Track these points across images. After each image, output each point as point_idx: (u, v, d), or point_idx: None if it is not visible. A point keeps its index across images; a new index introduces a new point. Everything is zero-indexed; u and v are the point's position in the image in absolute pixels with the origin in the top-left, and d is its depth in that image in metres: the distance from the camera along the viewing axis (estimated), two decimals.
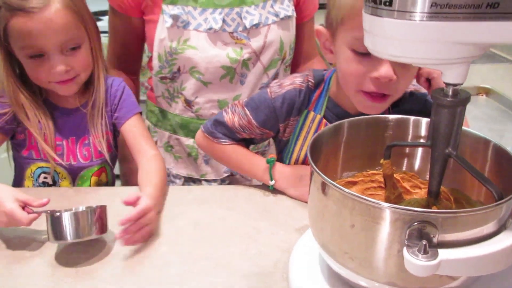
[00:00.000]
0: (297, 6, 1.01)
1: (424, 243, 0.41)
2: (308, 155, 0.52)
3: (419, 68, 0.73)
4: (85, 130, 0.94)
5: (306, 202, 0.57)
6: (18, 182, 0.95)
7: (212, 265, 0.66)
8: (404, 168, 0.63)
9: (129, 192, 0.73)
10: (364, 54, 0.66)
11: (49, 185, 0.94)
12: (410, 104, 0.79)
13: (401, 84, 0.69)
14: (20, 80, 0.89)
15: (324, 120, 0.79)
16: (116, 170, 1.07)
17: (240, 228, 0.74)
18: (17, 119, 0.89)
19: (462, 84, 0.45)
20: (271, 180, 0.81)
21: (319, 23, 0.82)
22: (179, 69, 0.98)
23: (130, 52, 1.07)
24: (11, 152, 0.97)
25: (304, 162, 0.84)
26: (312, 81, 0.79)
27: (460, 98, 0.45)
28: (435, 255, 0.41)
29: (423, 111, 0.62)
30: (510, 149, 0.56)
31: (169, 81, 1.01)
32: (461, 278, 0.46)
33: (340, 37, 0.69)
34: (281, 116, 0.80)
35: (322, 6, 0.96)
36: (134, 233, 0.69)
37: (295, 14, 1.00)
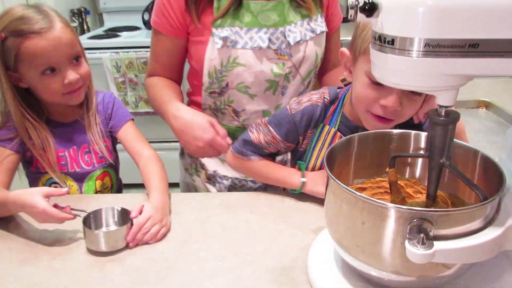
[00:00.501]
0: (326, 19, 1.09)
1: (422, 236, 0.51)
2: (325, 164, 0.62)
3: (424, 99, 0.80)
4: (84, 139, 1.06)
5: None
6: None
7: (240, 261, 0.75)
8: (407, 176, 0.73)
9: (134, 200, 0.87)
10: (378, 83, 0.75)
11: None
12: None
13: (406, 112, 0.78)
14: (25, 105, 0.99)
15: (338, 133, 0.88)
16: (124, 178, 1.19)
17: (262, 230, 0.83)
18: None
19: (452, 106, 0.54)
20: (303, 178, 0.89)
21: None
22: (227, 85, 1.04)
23: (174, 70, 1.12)
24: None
25: (320, 169, 0.93)
26: (328, 98, 0.89)
27: (451, 118, 0.55)
28: (431, 246, 0.50)
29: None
30: (507, 157, 0.66)
31: (217, 95, 1.07)
32: (454, 267, 0.56)
33: (360, 63, 0.78)
34: (301, 130, 0.89)
35: (344, 20, 1.07)
36: (142, 237, 0.81)
37: (327, 29, 1.08)
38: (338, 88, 0.91)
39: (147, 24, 2.63)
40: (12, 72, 0.95)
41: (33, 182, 1.07)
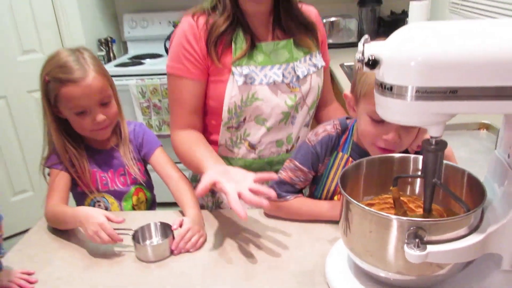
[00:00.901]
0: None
1: (417, 241, 0.64)
2: (339, 184, 0.75)
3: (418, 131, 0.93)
4: (119, 163, 1.22)
5: None
6: None
7: (267, 266, 0.89)
8: (408, 193, 0.86)
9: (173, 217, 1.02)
10: (378, 121, 0.89)
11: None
12: None
13: (405, 142, 0.91)
14: (66, 137, 1.16)
15: (350, 159, 1.01)
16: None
17: (286, 240, 0.97)
18: None
19: (441, 136, 0.68)
20: None
21: None
22: (244, 119, 1.14)
23: (199, 113, 1.17)
24: None
25: (334, 192, 1.05)
26: (340, 128, 1.02)
27: (440, 146, 0.68)
28: (425, 248, 0.63)
29: None
30: (491, 177, 0.78)
31: (235, 130, 1.16)
32: (447, 267, 0.68)
33: (361, 105, 0.92)
34: (321, 158, 1.02)
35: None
36: (184, 245, 0.95)
37: (324, 64, 1.23)
38: (347, 118, 1.05)
39: (168, 51, 2.82)
40: (53, 107, 1.12)
41: (80, 203, 1.23)
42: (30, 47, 2.49)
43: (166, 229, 0.99)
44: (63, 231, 1.06)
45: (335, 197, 1.05)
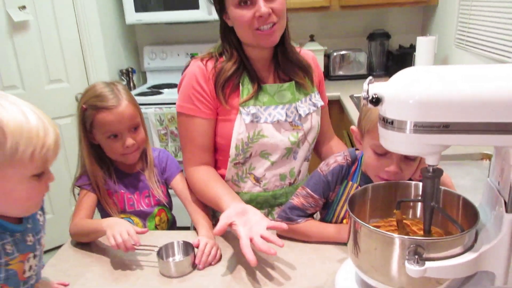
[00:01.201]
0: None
1: (416, 257, 0.72)
2: (347, 207, 0.84)
3: (419, 163, 1.02)
4: (144, 186, 1.33)
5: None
6: None
7: (280, 282, 0.97)
8: (410, 216, 0.94)
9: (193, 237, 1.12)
10: (380, 154, 0.98)
11: None
12: None
13: (406, 174, 1.00)
14: (98, 161, 1.28)
15: (360, 187, 1.10)
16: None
17: (299, 259, 1.05)
18: None
19: (437, 165, 0.77)
20: None
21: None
22: (251, 155, 1.22)
23: (211, 150, 1.24)
24: None
25: (343, 218, 1.14)
26: (350, 159, 1.11)
27: (437, 173, 0.77)
28: (423, 264, 0.71)
29: None
30: (485, 203, 0.86)
31: (241, 165, 1.24)
32: (445, 283, 0.76)
33: (366, 140, 1.02)
34: (332, 186, 1.10)
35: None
36: (207, 259, 1.04)
37: (323, 103, 1.33)
38: (356, 149, 1.13)
39: (178, 93, 2.96)
40: (88, 132, 1.25)
41: None
42: (56, 77, 2.65)
43: (187, 247, 1.08)
44: (92, 247, 1.15)
45: (344, 221, 1.13)
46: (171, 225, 1.41)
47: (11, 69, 2.46)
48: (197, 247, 1.07)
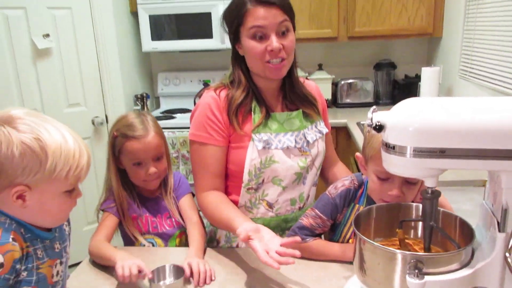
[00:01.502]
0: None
1: (417, 271, 0.78)
2: (353, 225, 0.91)
3: (420, 186, 1.09)
4: (165, 209, 1.41)
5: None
6: None
7: None
8: (412, 236, 1.00)
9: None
10: (383, 179, 1.06)
11: None
12: None
13: (408, 197, 1.07)
14: (123, 184, 1.38)
15: None
16: None
17: (306, 276, 1.11)
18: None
19: (435, 187, 0.84)
20: None
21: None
22: (263, 180, 1.27)
23: (223, 176, 1.29)
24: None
25: (350, 238, 1.20)
26: (356, 183, 1.18)
27: (435, 194, 0.84)
28: (423, 278, 0.78)
29: None
30: (482, 224, 0.93)
31: (254, 191, 1.28)
32: None
33: (370, 166, 1.10)
34: (340, 208, 1.18)
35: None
36: (204, 276, 1.11)
37: (328, 130, 1.40)
38: (362, 174, 1.20)
39: (191, 122, 3.06)
40: (116, 158, 1.35)
41: (128, 244, 1.41)
42: (75, 101, 2.77)
43: (178, 271, 1.12)
44: (105, 267, 1.21)
45: (350, 241, 1.19)
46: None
47: (33, 93, 2.58)
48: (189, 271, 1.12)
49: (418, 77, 2.98)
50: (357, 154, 1.17)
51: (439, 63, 2.96)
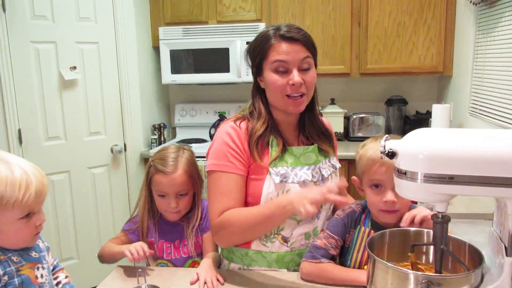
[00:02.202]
0: None
1: None
2: (367, 248, 0.96)
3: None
4: (183, 236, 1.48)
5: None
6: None
7: None
8: (424, 261, 1.04)
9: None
10: (376, 187, 1.19)
11: None
12: None
13: (401, 203, 1.18)
14: (150, 207, 1.47)
15: (372, 231, 1.22)
16: None
17: None
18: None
19: (445, 212, 0.89)
20: None
21: None
22: None
23: (242, 203, 1.26)
24: None
25: (361, 262, 1.24)
26: (360, 208, 1.27)
27: (445, 219, 0.89)
28: None
29: None
30: (490, 250, 0.97)
31: None
32: None
33: (364, 182, 1.22)
34: (348, 228, 1.25)
35: None
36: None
37: (340, 165, 1.43)
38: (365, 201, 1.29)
39: (212, 137, 3.16)
40: (149, 184, 1.46)
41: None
42: (96, 130, 2.88)
43: None
44: None
45: (365, 267, 1.23)
46: None
47: (57, 120, 2.70)
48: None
49: (429, 114, 3.04)
50: (353, 177, 1.27)
51: (449, 100, 3.03)
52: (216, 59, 3.06)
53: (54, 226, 2.77)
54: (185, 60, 3.12)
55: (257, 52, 1.28)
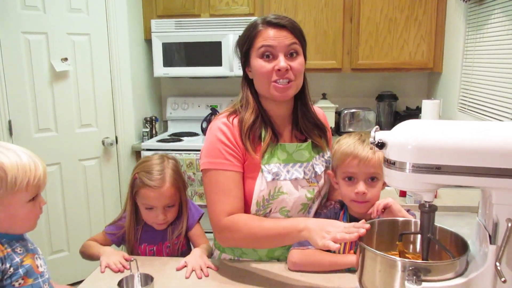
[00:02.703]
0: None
1: (415, 278, 0.85)
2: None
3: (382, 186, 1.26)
4: (165, 239, 1.48)
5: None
6: None
7: None
8: (411, 250, 1.07)
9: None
10: (349, 179, 1.25)
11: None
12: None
13: (372, 194, 1.24)
14: (135, 217, 1.49)
15: None
16: None
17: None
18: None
19: (432, 201, 0.91)
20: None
21: None
22: (270, 210, 1.26)
23: (243, 200, 1.25)
24: None
25: (344, 253, 1.25)
26: (338, 205, 1.33)
27: (432, 208, 0.91)
28: (420, 284, 0.84)
29: None
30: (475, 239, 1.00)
31: None
32: None
33: (338, 174, 1.28)
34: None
35: None
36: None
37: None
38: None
39: (204, 131, 3.17)
40: (134, 195, 1.45)
41: None
42: (87, 122, 2.87)
43: (147, 279, 1.16)
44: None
45: (347, 251, 1.27)
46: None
47: (48, 112, 2.69)
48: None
49: (419, 109, 3.08)
50: (328, 171, 1.32)
51: (439, 96, 3.07)
52: (209, 53, 3.07)
53: (44, 218, 2.76)
54: (177, 53, 3.11)
55: (245, 41, 1.26)
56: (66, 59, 2.68)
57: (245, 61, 1.29)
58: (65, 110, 2.76)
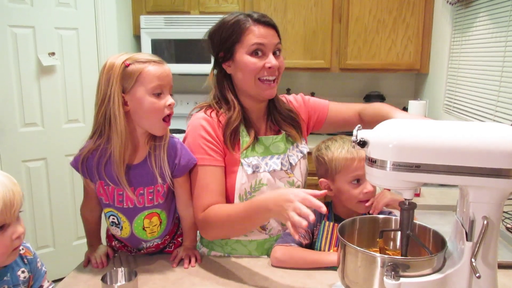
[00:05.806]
0: (317, 119, 1.48)
1: (393, 273, 0.87)
2: (338, 233, 1.00)
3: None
4: (141, 182, 1.21)
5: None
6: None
7: None
8: (391, 247, 1.09)
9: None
10: (358, 182, 1.27)
11: (115, 224, 1.28)
12: None
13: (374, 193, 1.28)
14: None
15: (336, 224, 1.29)
16: None
17: (295, 283, 1.18)
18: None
19: (412, 199, 0.93)
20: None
21: None
22: None
23: (224, 195, 1.27)
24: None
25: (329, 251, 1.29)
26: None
27: (411, 206, 0.93)
28: (398, 279, 0.86)
29: None
30: (454, 237, 1.02)
31: None
32: None
33: (339, 179, 1.29)
34: (315, 221, 1.26)
35: None
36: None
37: (309, 149, 1.42)
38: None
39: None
40: (123, 94, 1.14)
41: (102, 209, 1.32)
42: (74, 117, 2.86)
43: (131, 274, 1.15)
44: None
45: (332, 250, 1.28)
46: (170, 229, 1.35)
47: (34, 108, 2.67)
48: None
49: (405, 110, 3.12)
50: (320, 180, 1.33)
51: (425, 97, 3.11)
52: (198, 50, 3.07)
53: (30, 214, 2.74)
54: (167, 50, 3.11)
55: (228, 36, 1.26)
56: (53, 53, 2.66)
57: (226, 56, 1.28)
58: (52, 105, 2.74)
